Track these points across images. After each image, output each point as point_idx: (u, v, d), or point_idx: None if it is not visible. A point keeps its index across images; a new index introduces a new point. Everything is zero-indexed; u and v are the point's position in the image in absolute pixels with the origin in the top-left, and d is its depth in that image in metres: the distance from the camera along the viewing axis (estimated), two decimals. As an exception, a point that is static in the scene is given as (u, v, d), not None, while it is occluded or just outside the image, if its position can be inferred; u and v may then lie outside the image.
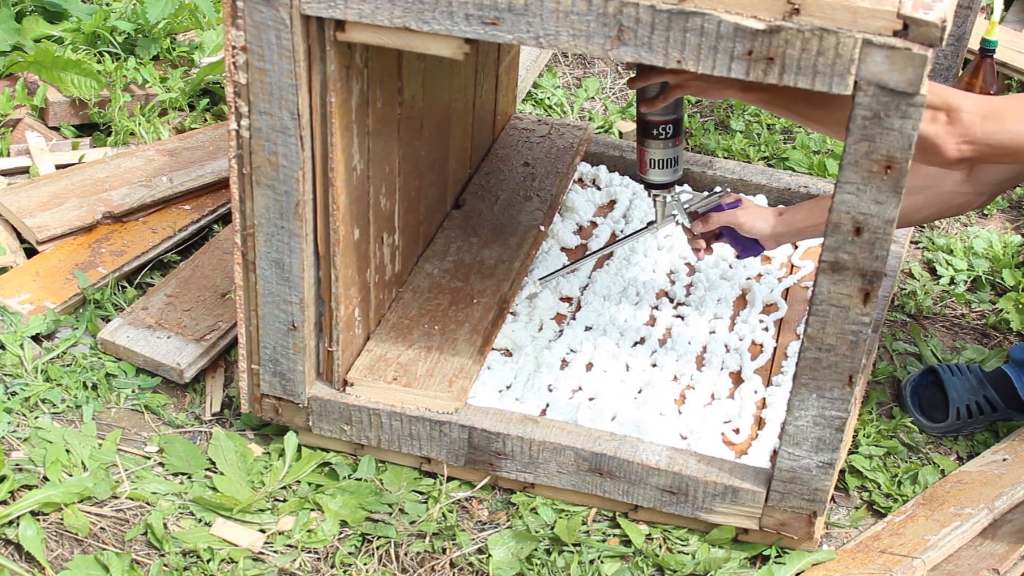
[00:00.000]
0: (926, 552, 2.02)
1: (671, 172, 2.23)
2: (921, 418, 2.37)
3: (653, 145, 2.20)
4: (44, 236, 2.54)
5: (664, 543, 2.09)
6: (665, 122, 2.17)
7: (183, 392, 2.33)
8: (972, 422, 2.36)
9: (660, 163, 2.21)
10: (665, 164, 2.22)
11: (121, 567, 1.95)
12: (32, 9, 3.27)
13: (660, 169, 2.22)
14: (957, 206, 2.25)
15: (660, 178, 2.24)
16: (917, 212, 2.26)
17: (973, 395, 2.35)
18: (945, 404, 2.36)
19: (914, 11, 1.54)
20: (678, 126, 2.18)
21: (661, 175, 2.23)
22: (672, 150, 2.20)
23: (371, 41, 1.76)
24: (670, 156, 2.21)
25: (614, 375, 2.31)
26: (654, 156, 2.21)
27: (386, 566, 2.03)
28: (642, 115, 2.19)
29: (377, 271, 2.20)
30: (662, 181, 2.24)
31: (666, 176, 2.24)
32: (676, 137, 2.19)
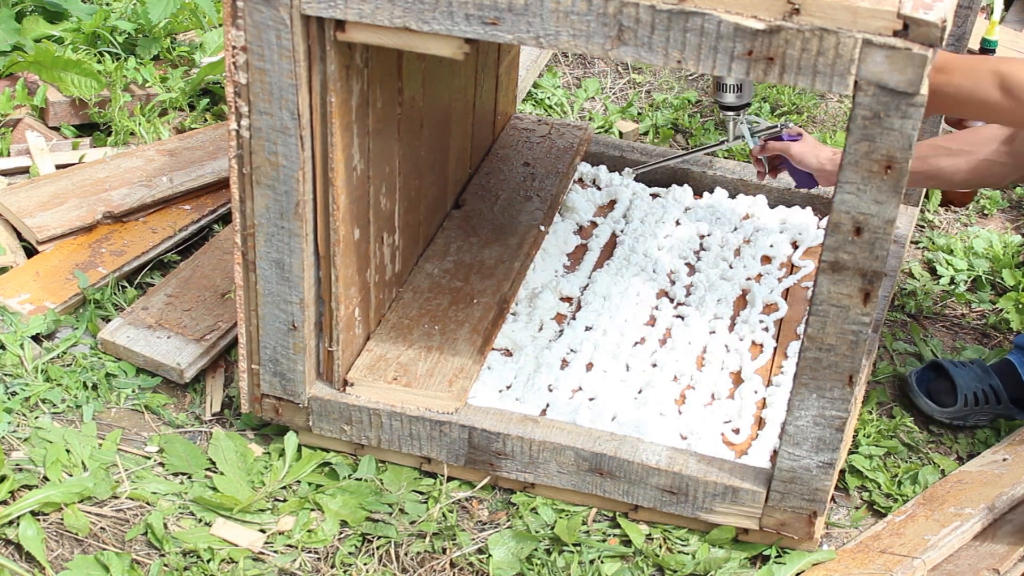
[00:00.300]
0: (926, 552, 2.02)
1: (737, 96, 2.44)
2: (931, 403, 2.37)
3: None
4: (44, 236, 2.54)
5: (664, 543, 2.09)
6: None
7: (183, 392, 2.33)
8: (979, 410, 2.37)
9: (729, 87, 2.42)
10: (733, 88, 2.43)
11: (121, 567, 1.95)
12: (32, 9, 3.27)
13: (729, 92, 2.44)
14: (997, 175, 2.32)
15: (729, 99, 2.44)
16: (956, 175, 2.34)
17: (979, 383, 2.36)
18: (953, 391, 2.37)
19: (914, 11, 1.54)
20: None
21: (730, 97, 2.44)
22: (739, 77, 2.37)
23: (371, 41, 1.76)
24: (737, 82, 2.42)
25: (614, 375, 2.31)
26: (723, 80, 2.41)
27: (386, 566, 2.03)
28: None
29: (377, 271, 2.20)
30: (731, 103, 2.45)
31: (735, 99, 2.44)
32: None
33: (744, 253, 2.68)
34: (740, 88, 2.45)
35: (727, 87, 2.45)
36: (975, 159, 2.31)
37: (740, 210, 2.81)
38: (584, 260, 2.63)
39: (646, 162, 2.85)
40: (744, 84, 2.45)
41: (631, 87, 3.49)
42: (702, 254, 2.68)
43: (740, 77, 2.27)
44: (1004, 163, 2.28)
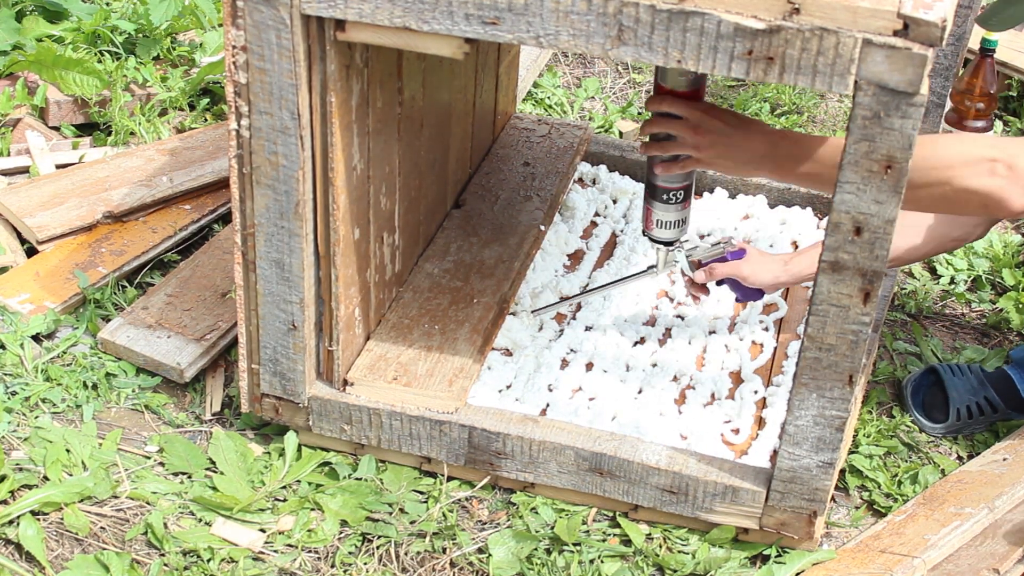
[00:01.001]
0: (926, 552, 2.02)
1: (677, 231, 2.17)
2: (922, 418, 2.38)
3: (661, 208, 2.14)
4: (44, 236, 2.54)
5: (664, 543, 2.09)
6: (676, 189, 2.10)
7: (183, 392, 2.34)
8: (972, 423, 2.36)
9: (667, 224, 2.16)
10: (671, 225, 2.16)
11: (121, 567, 1.95)
12: (32, 8, 3.27)
13: (665, 229, 2.17)
14: (956, 239, 2.24)
15: (665, 236, 2.19)
16: (916, 250, 2.24)
17: (974, 396, 2.35)
18: (946, 404, 2.36)
19: (914, 11, 1.54)
20: (688, 191, 2.12)
21: (666, 234, 2.18)
22: (681, 212, 2.15)
23: (371, 41, 1.76)
24: (678, 218, 2.15)
25: (614, 375, 2.31)
26: (661, 217, 2.15)
27: (386, 566, 2.03)
28: (651, 179, 2.12)
29: (377, 271, 2.20)
30: (667, 239, 2.20)
31: (671, 235, 2.19)
32: (685, 201, 2.13)
33: (743, 254, 2.67)
34: (683, 222, 2.15)
35: (666, 224, 2.14)
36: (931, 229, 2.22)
37: (740, 210, 2.81)
38: (584, 260, 2.63)
39: (548, 304, 2.44)
40: (686, 217, 2.16)
41: (631, 87, 3.49)
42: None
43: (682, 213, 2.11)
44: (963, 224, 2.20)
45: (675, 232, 2.18)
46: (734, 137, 1.95)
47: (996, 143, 1.84)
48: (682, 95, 2.00)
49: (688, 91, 2.00)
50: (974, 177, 1.82)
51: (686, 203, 2.13)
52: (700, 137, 1.97)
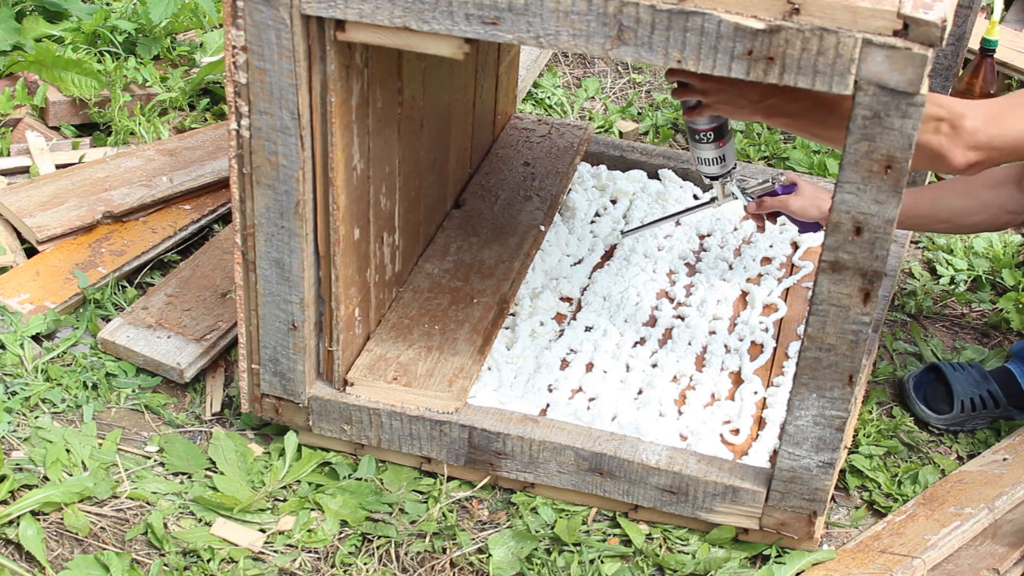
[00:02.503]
0: (926, 552, 2.02)
1: (720, 167, 2.34)
2: (926, 410, 2.38)
3: (699, 147, 2.31)
4: (44, 236, 2.54)
5: (664, 543, 2.09)
6: (706, 130, 2.27)
7: (183, 392, 2.34)
8: (976, 416, 2.37)
9: (708, 161, 2.33)
10: (712, 162, 2.33)
11: (121, 567, 1.95)
12: (32, 9, 3.27)
13: (708, 166, 2.34)
14: (1011, 213, 2.26)
15: (709, 171, 2.35)
16: (969, 217, 2.28)
17: (977, 388, 2.36)
18: (949, 397, 2.36)
19: (914, 11, 1.54)
20: (719, 131, 2.28)
21: (711, 169, 2.35)
22: (718, 150, 2.31)
23: (371, 41, 1.76)
24: (717, 155, 2.32)
25: (614, 375, 2.31)
26: (702, 155, 2.32)
27: (386, 566, 2.03)
28: (687, 122, 2.29)
29: (377, 271, 2.20)
30: (712, 174, 2.36)
31: (716, 170, 2.35)
32: (719, 140, 2.29)
33: (744, 253, 2.67)
34: (722, 159, 2.33)
35: (707, 161, 2.33)
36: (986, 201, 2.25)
37: (740, 210, 2.81)
38: (584, 260, 2.63)
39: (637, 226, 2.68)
40: (725, 154, 2.33)
41: (631, 87, 3.49)
42: (702, 254, 2.68)
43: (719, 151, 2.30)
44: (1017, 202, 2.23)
45: (717, 168, 2.34)
46: (736, 83, 2.06)
47: (945, 103, 1.92)
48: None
49: None
50: (921, 133, 1.88)
51: (721, 142, 2.30)
52: (708, 82, 2.09)
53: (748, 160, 3.12)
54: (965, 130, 1.90)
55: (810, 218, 2.34)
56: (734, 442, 2.18)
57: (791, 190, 2.35)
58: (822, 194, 2.34)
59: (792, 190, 2.35)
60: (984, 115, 1.91)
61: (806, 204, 2.33)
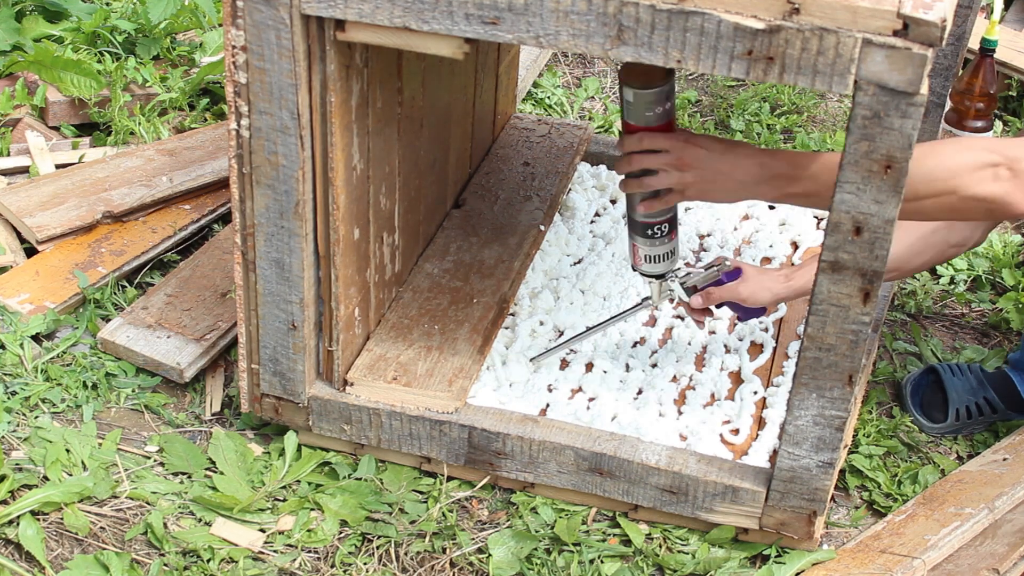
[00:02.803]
0: (926, 552, 2.02)
1: (666, 264, 2.12)
2: (921, 418, 2.38)
3: (647, 243, 2.08)
4: (44, 236, 2.54)
5: (664, 543, 2.09)
6: (660, 222, 2.04)
7: (183, 392, 2.34)
8: (972, 423, 2.36)
9: (654, 258, 2.10)
10: (660, 259, 2.10)
11: (121, 567, 1.95)
12: (32, 9, 3.27)
13: (655, 263, 2.11)
14: (956, 245, 2.20)
15: (655, 271, 2.13)
16: (916, 257, 2.19)
17: (973, 396, 2.35)
18: (945, 404, 2.36)
19: (914, 11, 1.54)
20: (673, 222, 2.06)
21: (656, 268, 2.12)
22: (667, 245, 2.09)
23: (371, 41, 1.76)
24: (665, 251, 2.09)
25: (614, 375, 2.31)
26: (648, 252, 2.09)
27: (386, 566, 2.03)
28: (632, 215, 2.06)
29: (377, 271, 2.20)
30: (657, 273, 2.14)
31: (661, 268, 2.13)
32: (673, 231, 2.07)
33: (744, 253, 2.67)
34: (672, 253, 2.08)
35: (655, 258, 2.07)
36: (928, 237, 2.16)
37: (740, 210, 2.81)
38: (584, 260, 2.62)
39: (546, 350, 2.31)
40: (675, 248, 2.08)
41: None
42: (702, 254, 2.68)
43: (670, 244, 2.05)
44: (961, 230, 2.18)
45: (664, 265, 2.12)
46: (721, 164, 1.88)
47: (996, 147, 1.83)
48: (656, 129, 1.93)
49: (661, 125, 1.93)
50: (978, 184, 1.80)
51: (672, 234, 2.07)
52: (684, 170, 1.90)
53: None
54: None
55: (761, 303, 2.19)
56: (734, 442, 2.18)
57: (736, 276, 2.17)
58: (767, 276, 2.19)
59: (737, 275, 2.17)
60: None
61: (756, 289, 2.17)
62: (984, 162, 1.80)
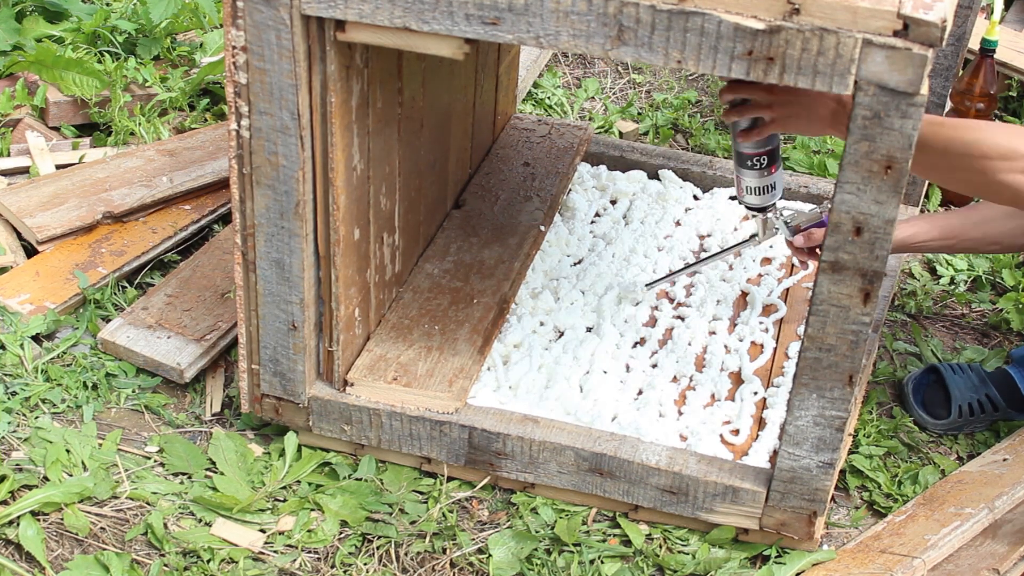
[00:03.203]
0: (926, 552, 2.02)
1: (768, 197, 2.19)
2: (924, 415, 2.38)
3: (748, 174, 2.17)
4: (44, 236, 2.54)
5: (664, 543, 2.09)
6: (759, 154, 2.13)
7: (183, 392, 2.34)
8: (974, 420, 2.37)
9: (756, 190, 2.18)
10: (760, 191, 2.18)
11: (121, 567, 1.95)
12: (32, 9, 3.27)
13: (755, 195, 2.19)
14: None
15: (756, 203, 2.21)
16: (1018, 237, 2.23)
17: (975, 393, 2.36)
18: (947, 402, 2.36)
19: (914, 11, 1.54)
20: (772, 155, 2.14)
21: (757, 200, 2.20)
22: (767, 178, 2.16)
23: (371, 41, 1.76)
24: (766, 183, 2.17)
25: (614, 376, 2.31)
26: (749, 184, 2.17)
27: (386, 566, 2.03)
28: (736, 146, 2.15)
29: (377, 271, 2.20)
30: (758, 205, 2.21)
31: (762, 201, 2.20)
32: (771, 166, 2.15)
33: (744, 254, 2.67)
34: (772, 187, 2.16)
35: (754, 190, 2.16)
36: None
37: (740, 210, 2.81)
38: (584, 260, 2.62)
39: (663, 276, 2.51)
40: (775, 182, 2.16)
41: (631, 87, 3.49)
42: (702, 254, 2.68)
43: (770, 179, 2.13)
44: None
45: (764, 198, 2.20)
46: (806, 96, 1.97)
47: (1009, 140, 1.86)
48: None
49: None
50: (1010, 172, 1.83)
51: (772, 168, 2.15)
52: (774, 96, 2.00)
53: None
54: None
55: None
56: (734, 442, 2.18)
57: None
58: None
59: None
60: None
61: None
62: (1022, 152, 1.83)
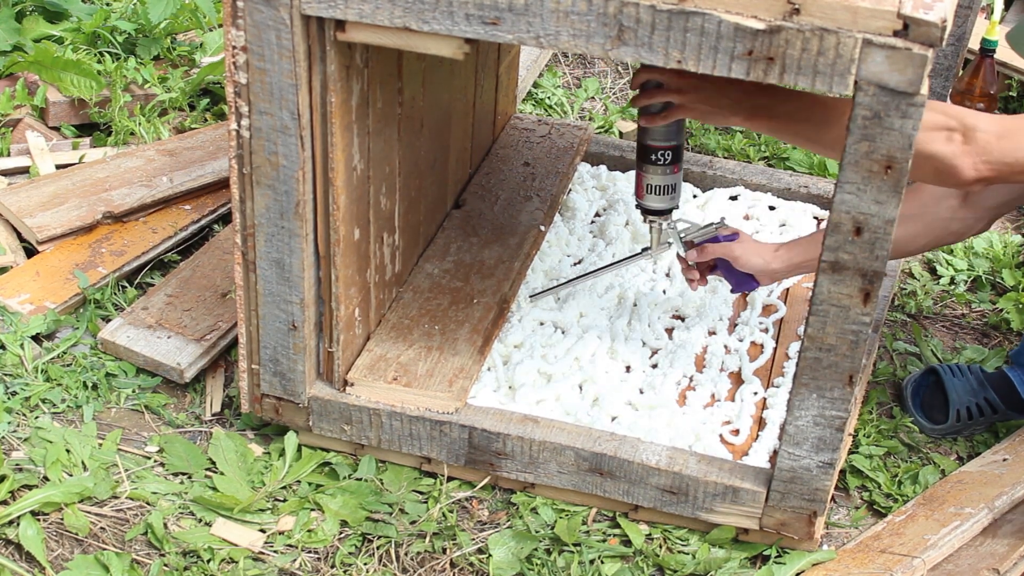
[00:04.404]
0: (926, 552, 2.02)
1: (668, 199, 2.18)
2: (922, 419, 2.38)
3: (651, 170, 2.16)
4: (44, 236, 2.54)
5: (664, 543, 2.09)
6: (664, 148, 2.12)
7: (183, 392, 2.34)
8: (972, 424, 2.36)
9: (657, 189, 2.16)
10: (662, 191, 2.17)
11: (121, 567, 1.95)
12: (32, 9, 3.27)
13: (657, 195, 2.18)
14: (955, 233, 2.21)
15: (657, 204, 2.19)
16: (913, 241, 2.21)
17: (974, 397, 2.35)
18: (946, 405, 2.36)
19: (914, 11, 1.54)
20: (677, 153, 2.14)
21: (658, 201, 2.18)
22: (670, 176, 2.16)
23: (371, 41, 1.76)
24: (668, 183, 2.16)
25: (614, 376, 2.31)
26: (651, 182, 2.16)
27: (386, 566, 2.03)
28: (642, 139, 2.15)
29: (377, 271, 2.20)
30: (658, 207, 2.20)
31: (663, 203, 2.19)
32: (675, 164, 2.14)
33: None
34: (672, 188, 2.15)
35: (656, 189, 2.15)
36: (930, 220, 2.18)
37: (740, 210, 2.81)
38: (584, 260, 2.62)
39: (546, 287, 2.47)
40: (676, 183, 2.16)
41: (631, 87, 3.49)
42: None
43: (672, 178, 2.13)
44: (963, 218, 2.18)
45: (666, 200, 2.18)
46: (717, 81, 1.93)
47: (956, 113, 1.86)
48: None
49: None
50: (931, 143, 1.83)
51: (676, 167, 2.14)
52: (684, 80, 1.98)
53: (748, 160, 3.12)
54: (978, 142, 1.83)
55: (751, 268, 2.24)
56: (734, 442, 2.18)
57: (732, 239, 2.24)
58: (763, 245, 2.25)
59: (734, 239, 2.24)
60: (998, 129, 1.84)
61: (749, 251, 2.23)
62: (941, 124, 1.84)
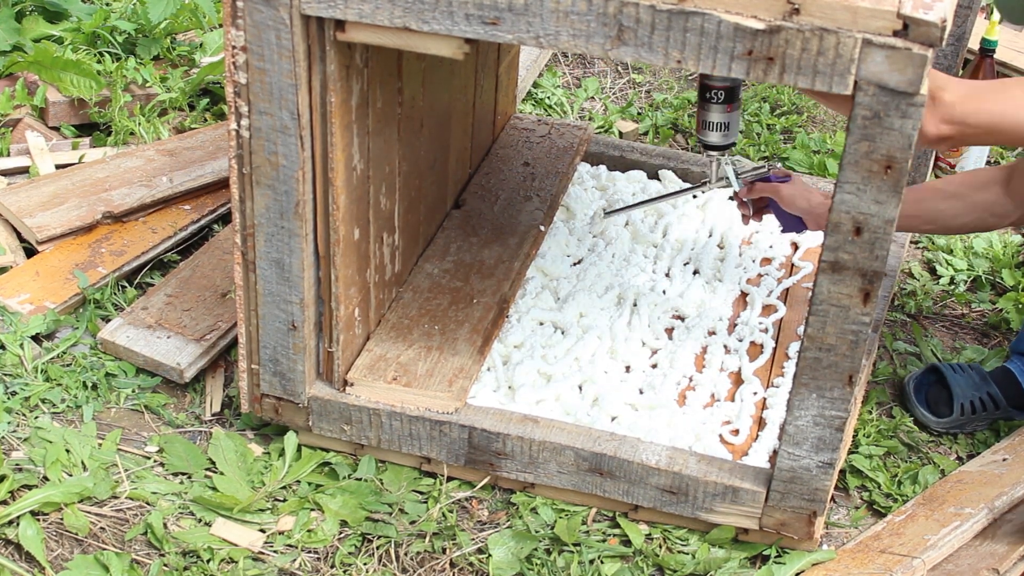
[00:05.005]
0: (926, 552, 2.02)
1: (723, 135, 2.33)
2: (927, 413, 2.38)
3: (708, 108, 2.31)
4: (44, 236, 2.54)
5: (664, 543, 2.09)
6: (719, 88, 2.27)
7: (183, 392, 2.34)
8: (976, 418, 2.37)
9: (713, 125, 2.32)
10: (718, 127, 2.32)
11: (121, 567, 1.95)
12: (32, 9, 3.27)
13: (712, 131, 2.33)
14: (997, 216, 2.23)
15: (713, 139, 2.34)
16: (955, 219, 2.25)
17: (977, 391, 2.36)
18: (950, 400, 2.36)
19: (914, 11, 1.54)
20: (731, 93, 2.29)
21: (714, 136, 2.33)
22: (725, 115, 2.31)
23: (371, 41, 1.76)
24: (723, 120, 2.31)
25: (614, 376, 2.31)
26: (708, 118, 2.32)
27: (386, 566, 2.03)
28: (702, 78, 2.29)
29: (377, 271, 2.20)
30: (715, 142, 2.35)
31: (718, 138, 2.34)
32: (729, 103, 2.30)
33: (744, 254, 2.68)
34: (727, 126, 2.33)
35: (712, 125, 2.32)
36: (972, 202, 2.23)
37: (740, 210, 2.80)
38: (584, 260, 2.62)
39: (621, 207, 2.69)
40: (730, 122, 2.33)
41: (631, 87, 3.49)
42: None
43: (726, 116, 2.29)
44: (1004, 203, 2.20)
45: (721, 136, 2.33)
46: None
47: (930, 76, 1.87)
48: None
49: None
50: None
51: (729, 106, 2.29)
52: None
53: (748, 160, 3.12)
54: (943, 102, 1.87)
55: (797, 209, 2.35)
56: (734, 442, 2.18)
57: (783, 181, 2.37)
58: (813, 190, 2.35)
59: (785, 181, 2.37)
60: (964, 91, 1.89)
61: (796, 194, 2.35)
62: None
